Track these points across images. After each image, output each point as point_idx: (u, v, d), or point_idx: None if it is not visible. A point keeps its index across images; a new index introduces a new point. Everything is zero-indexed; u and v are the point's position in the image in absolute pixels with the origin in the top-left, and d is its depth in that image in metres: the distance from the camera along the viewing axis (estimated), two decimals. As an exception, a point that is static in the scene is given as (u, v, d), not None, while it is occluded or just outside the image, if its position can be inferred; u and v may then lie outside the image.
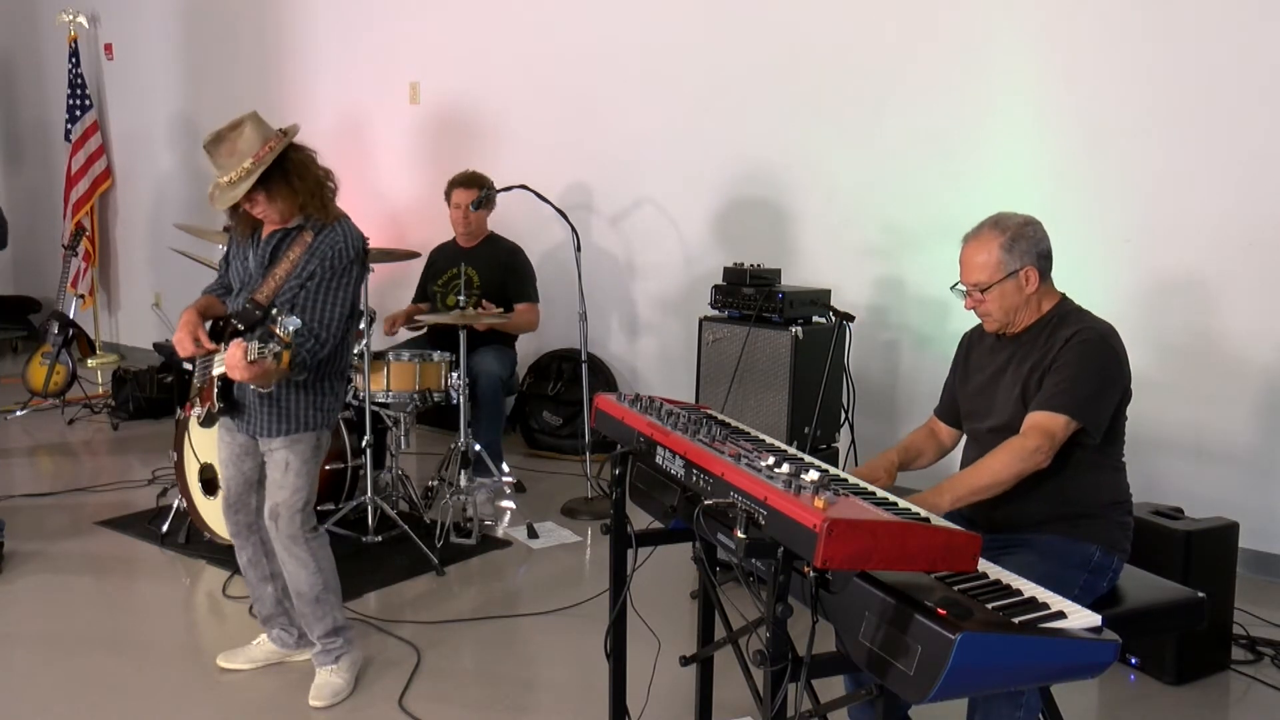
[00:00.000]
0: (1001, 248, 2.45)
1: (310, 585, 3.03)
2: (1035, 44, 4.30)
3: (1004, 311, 2.49)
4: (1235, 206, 3.97)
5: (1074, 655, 1.68)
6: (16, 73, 8.54)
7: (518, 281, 4.97)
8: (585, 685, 3.11)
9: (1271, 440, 3.98)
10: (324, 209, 2.93)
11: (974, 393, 2.60)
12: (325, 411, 3.01)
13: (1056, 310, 2.51)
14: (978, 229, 2.52)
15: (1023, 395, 2.43)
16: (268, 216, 2.91)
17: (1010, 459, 2.32)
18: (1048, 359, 2.41)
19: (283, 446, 2.96)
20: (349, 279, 2.93)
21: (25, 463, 5.47)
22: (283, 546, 3.01)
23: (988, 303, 2.48)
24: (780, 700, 1.74)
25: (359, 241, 2.97)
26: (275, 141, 2.83)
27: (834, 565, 1.61)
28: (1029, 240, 2.46)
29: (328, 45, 6.60)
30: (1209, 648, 3.24)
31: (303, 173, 2.89)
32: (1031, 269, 2.46)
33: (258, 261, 2.96)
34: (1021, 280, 2.46)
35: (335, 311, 2.91)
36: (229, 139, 2.82)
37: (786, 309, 3.92)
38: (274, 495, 2.99)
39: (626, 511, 2.40)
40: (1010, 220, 2.49)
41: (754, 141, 5.08)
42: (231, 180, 2.81)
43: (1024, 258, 2.45)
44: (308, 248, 2.90)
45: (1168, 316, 4.12)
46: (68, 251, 7.04)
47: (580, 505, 4.71)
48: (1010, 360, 2.52)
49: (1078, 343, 2.39)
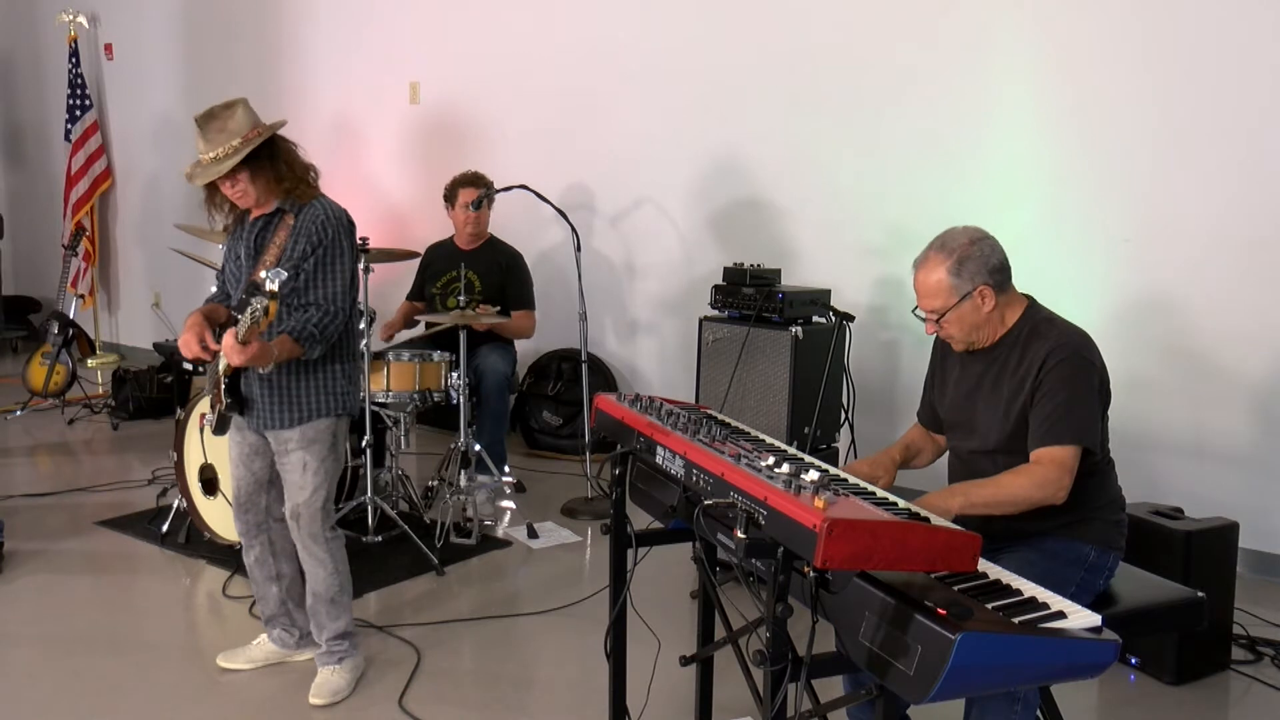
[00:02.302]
0: (949, 272, 2.38)
1: (327, 586, 3.04)
2: (1036, 44, 4.30)
3: (966, 332, 2.45)
4: (1235, 206, 3.97)
5: (1074, 655, 1.68)
6: (16, 73, 8.54)
7: (516, 287, 4.96)
8: (585, 685, 3.11)
9: (1271, 440, 3.98)
10: (308, 190, 2.97)
11: (952, 406, 2.58)
12: (336, 396, 2.99)
13: (1024, 321, 2.45)
14: (924, 254, 2.45)
15: (1004, 422, 2.40)
16: (245, 198, 2.92)
17: (1032, 485, 2.28)
18: (1028, 383, 2.36)
19: (299, 446, 2.95)
20: (340, 250, 2.94)
21: (25, 463, 5.47)
22: (303, 546, 3.02)
23: (947, 327, 2.45)
24: (780, 700, 1.74)
25: (341, 214, 2.98)
26: (263, 128, 2.90)
27: (834, 565, 1.60)
28: (977, 260, 2.38)
29: (328, 45, 6.61)
30: (1209, 648, 3.24)
31: (290, 159, 2.95)
32: (985, 288, 2.38)
33: (246, 252, 2.98)
34: (977, 300, 2.40)
35: (336, 284, 2.92)
36: (221, 116, 2.86)
37: (786, 309, 3.92)
38: (294, 496, 2.98)
39: (626, 511, 2.40)
40: (955, 241, 2.41)
41: (754, 141, 5.08)
42: (216, 157, 2.84)
43: (975, 278, 2.38)
44: (291, 230, 2.92)
45: (1168, 316, 4.12)
46: (68, 251, 7.04)
47: (580, 505, 4.71)
48: (985, 375, 2.48)
49: (1054, 365, 2.33)
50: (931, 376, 2.71)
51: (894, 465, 2.61)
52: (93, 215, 7.86)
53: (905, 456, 2.69)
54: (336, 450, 3.03)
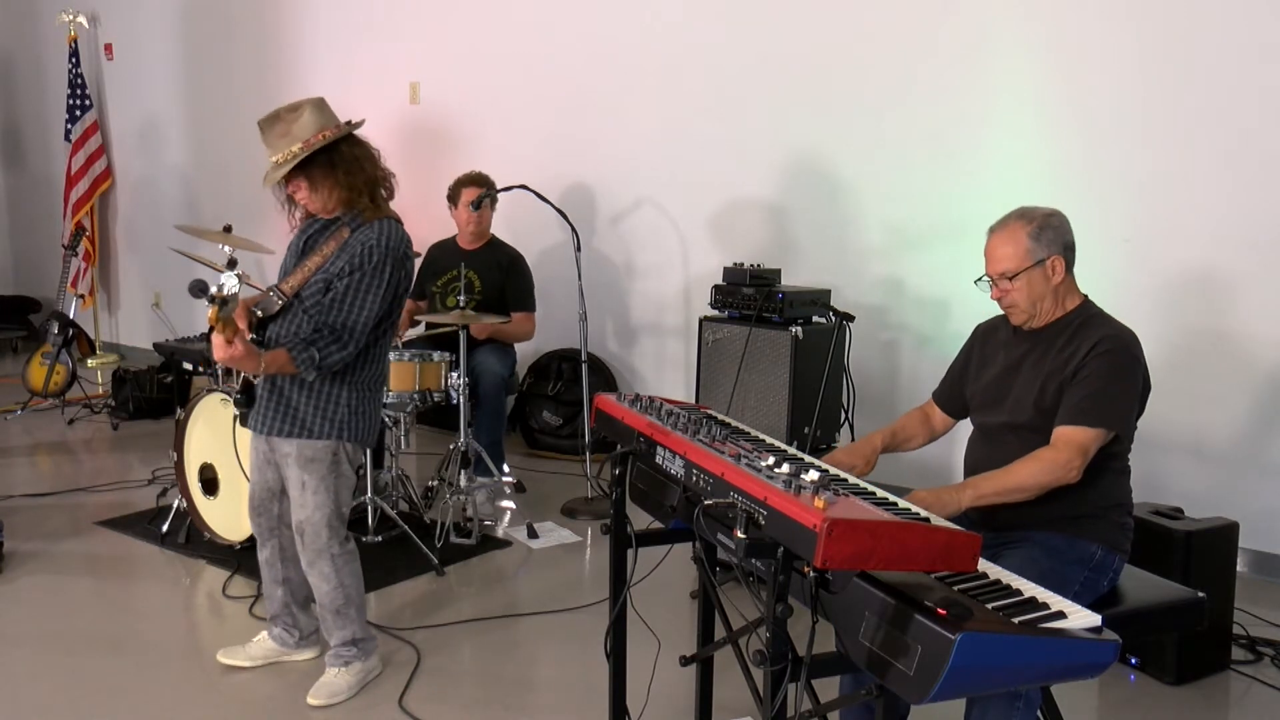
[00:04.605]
0: (1029, 236, 2.46)
1: (330, 600, 3.02)
2: (1036, 44, 4.30)
3: (1030, 301, 2.48)
4: (1235, 206, 3.97)
5: (1074, 655, 1.68)
6: (16, 73, 8.54)
7: (517, 289, 4.96)
8: (585, 685, 3.11)
9: (1272, 440, 3.98)
10: (373, 207, 2.89)
11: (986, 385, 2.59)
12: (335, 423, 2.88)
13: (1080, 312, 2.50)
14: (1003, 220, 2.53)
15: (1040, 396, 2.42)
16: (310, 204, 2.89)
17: (1041, 469, 2.31)
18: (1070, 366, 2.39)
19: (296, 463, 2.89)
20: (379, 281, 2.82)
21: (25, 463, 5.47)
22: (307, 561, 2.99)
23: (1014, 292, 2.48)
24: (780, 700, 1.74)
25: (398, 243, 2.87)
26: (331, 131, 2.81)
27: (834, 565, 1.60)
28: (1055, 230, 2.48)
29: (327, 45, 6.61)
30: (1209, 648, 3.24)
31: (351, 167, 2.85)
32: (1058, 258, 2.46)
33: (293, 251, 2.96)
34: (1048, 269, 2.46)
35: (361, 315, 2.81)
36: (284, 120, 2.81)
37: (786, 309, 3.92)
38: (296, 513, 2.95)
39: (626, 511, 2.40)
40: (1036, 211, 2.51)
41: (754, 141, 5.08)
42: (278, 162, 2.80)
43: (1050, 246, 2.46)
44: (342, 243, 2.85)
45: (1168, 316, 4.12)
46: (68, 251, 7.04)
47: (580, 505, 4.71)
48: (1028, 355, 2.51)
49: (1103, 353, 2.37)
50: (966, 359, 2.72)
51: (874, 453, 2.61)
52: (93, 215, 7.86)
53: (892, 442, 2.70)
54: (339, 471, 2.93)
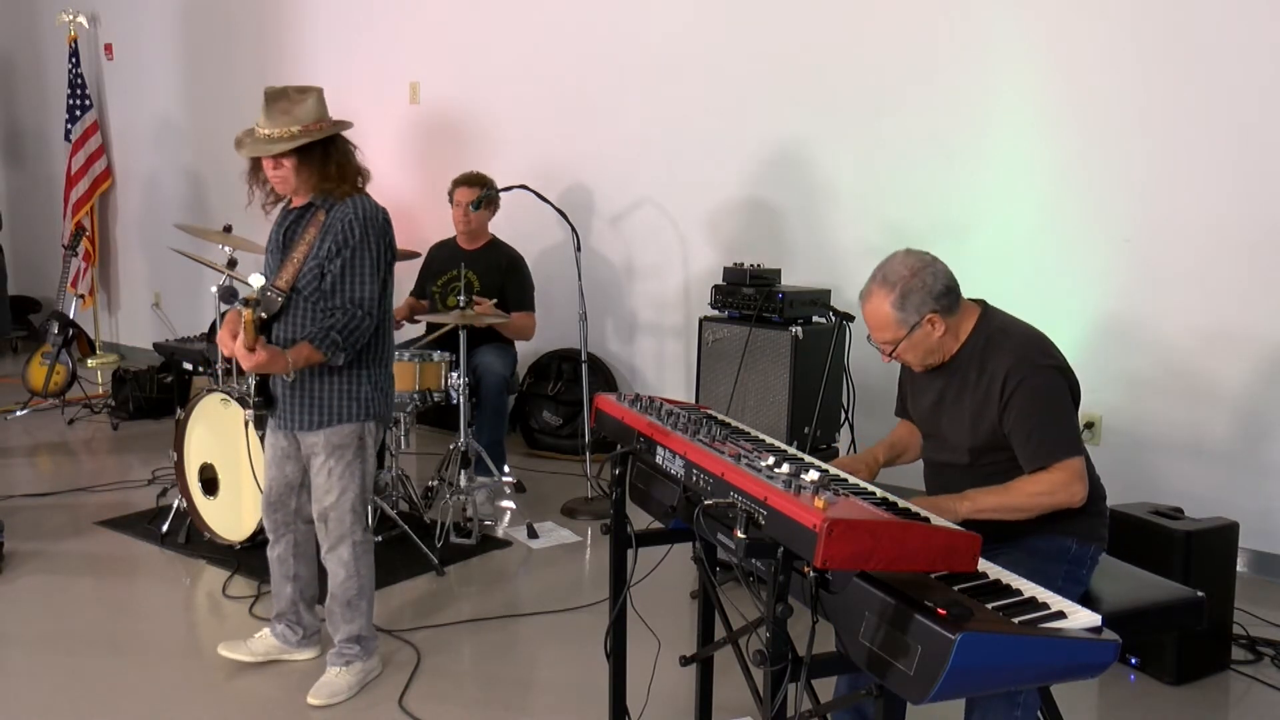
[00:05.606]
0: (893, 306, 2.36)
1: (345, 588, 3.03)
2: (1036, 45, 4.30)
3: (921, 356, 2.44)
4: (1235, 206, 3.96)
5: (1074, 655, 1.68)
6: (16, 73, 8.54)
7: (517, 289, 4.95)
8: (585, 685, 3.11)
9: (1272, 440, 3.98)
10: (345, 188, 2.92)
11: (923, 414, 2.57)
12: (360, 402, 2.95)
13: (978, 333, 2.43)
14: (867, 287, 2.42)
15: (972, 438, 2.40)
16: (284, 184, 2.90)
17: (1042, 493, 2.29)
18: (991, 406, 2.35)
19: (323, 450, 2.93)
20: (368, 250, 2.88)
21: (25, 463, 5.47)
22: (329, 547, 3.01)
23: (903, 354, 2.44)
24: (780, 700, 1.74)
25: (373, 213, 2.92)
26: (327, 124, 2.87)
27: (834, 565, 1.61)
28: (920, 292, 2.35)
29: (327, 45, 6.60)
30: (1209, 648, 3.24)
31: (342, 160, 2.92)
32: (932, 315, 2.36)
33: (275, 245, 2.96)
34: (926, 329, 2.38)
35: (365, 286, 2.87)
36: (292, 98, 2.84)
37: (786, 309, 3.92)
38: (321, 500, 2.97)
39: (626, 511, 2.40)
40: (896, 274, 2.37)
41: (754, 141, 5.08)
42: (270, 136, 2.81)
43: (920, 309, 2.35)
44: (321, 226, 2.88)
45: (1168, 316, 4.12)
46: (68, 251, 7.04)
47: (580, 505, 4.71)
48: (946, 390, 2.47)
49: (1019, 384, 2.31)
50: (902, 380, 2.72)
51: (876, 464, 2.61)
52: (93, 215, 7.86)
53: (890, 455, 2.68)
54: (365, 455, 3.00)
